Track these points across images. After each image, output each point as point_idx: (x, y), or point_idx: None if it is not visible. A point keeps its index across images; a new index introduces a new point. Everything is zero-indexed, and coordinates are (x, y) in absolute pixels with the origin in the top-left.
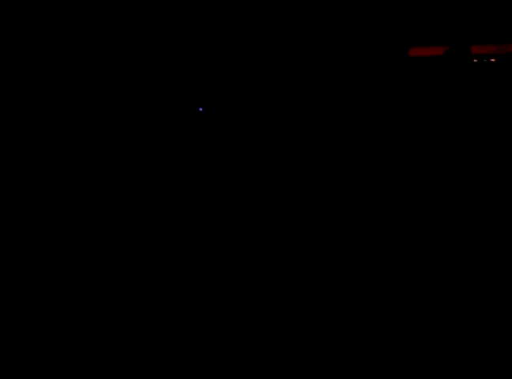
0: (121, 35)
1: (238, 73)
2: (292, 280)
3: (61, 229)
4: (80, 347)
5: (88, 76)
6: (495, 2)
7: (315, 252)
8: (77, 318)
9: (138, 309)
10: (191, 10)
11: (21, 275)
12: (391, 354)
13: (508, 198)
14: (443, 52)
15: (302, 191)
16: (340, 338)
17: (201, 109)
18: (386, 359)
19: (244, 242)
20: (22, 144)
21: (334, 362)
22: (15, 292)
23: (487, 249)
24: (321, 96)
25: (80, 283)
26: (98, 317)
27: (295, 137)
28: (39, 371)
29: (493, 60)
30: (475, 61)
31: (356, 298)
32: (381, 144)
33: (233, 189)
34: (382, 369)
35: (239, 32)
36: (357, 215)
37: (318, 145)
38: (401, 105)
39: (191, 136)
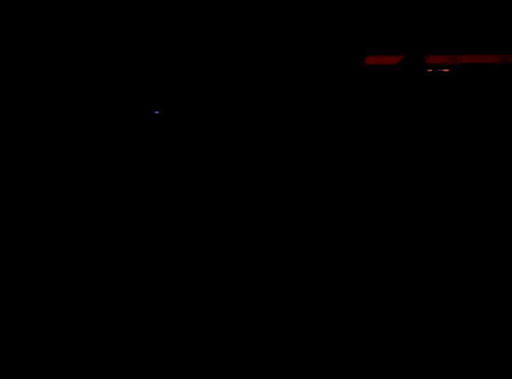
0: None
1: (194, 76)
2: (292, 281)
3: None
4: (80, 347)
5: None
6: (450, 13)
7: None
8: (77, 318)
9: (138, 308)
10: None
11: (21, 275)
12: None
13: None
14: (398, 61)
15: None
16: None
17: (156, 112)
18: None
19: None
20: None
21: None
22: (15, 292)
23: (487, 251)
24: (278, 103)
25: (80, 283)
26: (98, 316)
27: (250, 146)
28: (38, 371)
29: (446, 70)
30: (429, 70)
31: (356, 299)
32: (337, 151)
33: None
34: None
35: (196, 37)
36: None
37: (275, 152)
38: (357, 112)
39: (146, 139)
